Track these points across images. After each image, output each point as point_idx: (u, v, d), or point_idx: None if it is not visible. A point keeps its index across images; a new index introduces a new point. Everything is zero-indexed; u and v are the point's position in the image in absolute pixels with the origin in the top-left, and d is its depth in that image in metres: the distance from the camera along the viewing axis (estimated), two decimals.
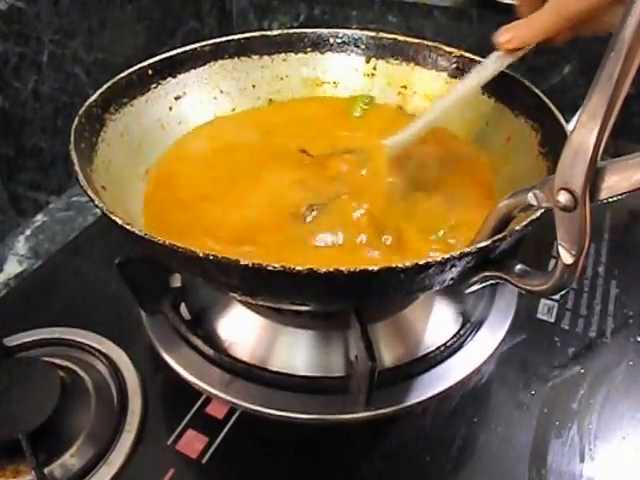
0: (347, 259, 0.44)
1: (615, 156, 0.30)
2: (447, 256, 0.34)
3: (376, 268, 0.33)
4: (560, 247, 0.33)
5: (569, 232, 0.33)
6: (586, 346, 0.57)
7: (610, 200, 0.31)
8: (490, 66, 0.51)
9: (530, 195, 0.35)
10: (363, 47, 0.63)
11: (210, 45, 0.61)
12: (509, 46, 0.49)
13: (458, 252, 0.35)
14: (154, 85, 0.57)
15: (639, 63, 0.27)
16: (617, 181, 0.30)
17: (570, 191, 0.31)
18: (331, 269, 0.33)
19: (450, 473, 0.47)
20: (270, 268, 0.33)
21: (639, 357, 0.56)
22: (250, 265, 0.33)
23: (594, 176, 0.30)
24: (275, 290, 0.38)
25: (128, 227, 0.37)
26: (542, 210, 0.36)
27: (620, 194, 0.31)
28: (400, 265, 0.34)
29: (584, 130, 0.29)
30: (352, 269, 0.33)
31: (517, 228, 0.37)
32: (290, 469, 0.47)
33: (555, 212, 0.33)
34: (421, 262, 0.34)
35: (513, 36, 0.48)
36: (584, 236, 0.32)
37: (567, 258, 0.33)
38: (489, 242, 0.36)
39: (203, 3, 0.98)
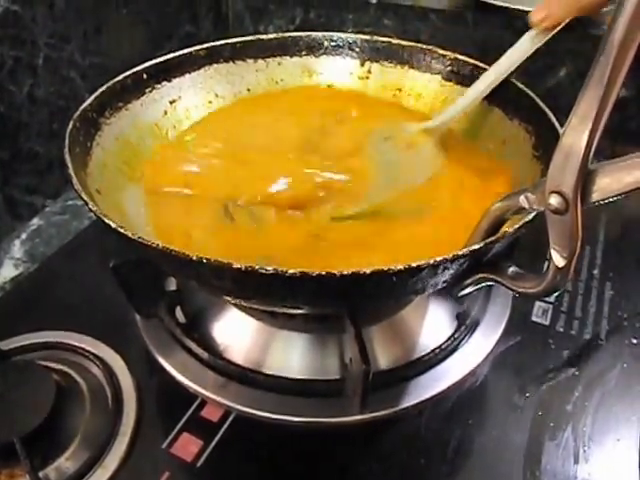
0: None
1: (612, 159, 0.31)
2: (440, 259, 0.35)
3: (368, 271, 0.33)
4: (552, 250, 0.34)
5: (561, 235, 0.33)
6: (581, 348, 0.57)
7: (601, 202, 0.31)
8: (525, 44, 0.51)
9: (522, 198, 0.35)
10: (358, 50, 0.64)
11: (205, 49, 0.61)
12: (545, 24, 0.49)
13: (451, 254, 0.35)
14: (149, 89, 0.57)
15: (629, 66, 0.27)
16: (608, 183, 0.30)
17: (561, 194, 0.31)
18: (323, 272, 0.33)
19: (445, 475, 0.47)
20: (262, 271, 0.33)
21: (634, 359, 0.56)
22: (242, 268, 0.33)
23: (585, 179, 0.31)
24: (268, 293, 0.38)
25: (121, 230, 0.37)
26: (535, 213, 0.36)
27: (611, 196, 0.31)
28: (392, 268, 0.34)
29: (575, 133, 0.30)
30: (344, 272, 0.33)
31: (510, 230, 0.37)
32: (285, 472, 0.47)
33: (547, 215, 0.33)
34: (414, 265, 0.34)
35: (548, 14, 0.48)
36: (576, 239, 0.32)
37: (559, 261, 0.33)
38: (482, 244, 0.36)
39: (199, 7, 0.98)
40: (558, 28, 0.49)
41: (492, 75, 0.54)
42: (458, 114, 0.55)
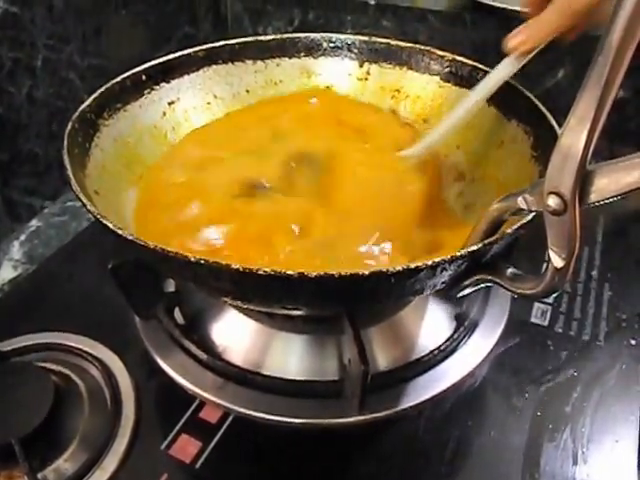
0: None
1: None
2: (438, 260, 0.35)
3: (367, 272, 0.33)
4: (550, 251, 0.33)
5: (559, 236, 0.33)
6: (579, 349, 0.57)
7: (600, 203, 0.31)
8: (502, 72, 0.51)
9: (520, 199, 0.35)
10: (356, 51, 0.64)
11: (204, 50, 0.61)
12: (523, 48, 0.49)
13: (449, 256, 0.35)
14: (148, 90, 0.57)
15: (627, 66, 0.27)
16: (606, 184, 0.30)
17: (559, 195, 0.31)
18: (321, 273, 0.33)
19: (444, 476, 0.47)
20: (261, 272, 0.33)
21: (632, 360, 0.56)
22: (241, 269, 0.33)
23: (583, 180, 0.31)
24: (266, 294, 0.38)
25: (120, 232, 0.37)
26: (533, 214, 0.36)
27: (609, 197, 0.31)
28: (391, 269, 0.34)
29: (573, 134, 0.30)
30: (343, 273, 0.33)
31: (508, 231, 0.37)
32: (284, 473, 0.47)
33: (545, 216, 0.33)
34: (412, 266, 0.34)
35: (526, 37, 0.48)
36: (574, 240, 0.32)
37: (557, 262, 0.33)
38: (480, 245, 0.36)
39: (198, 8, 0.98)
40: (536, 51, 0.49)
41: (472, 100, 0.53)
42: (439, 139, 0.54)
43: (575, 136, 0.30)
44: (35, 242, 0.72)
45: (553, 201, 0.32)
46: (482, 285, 0.40)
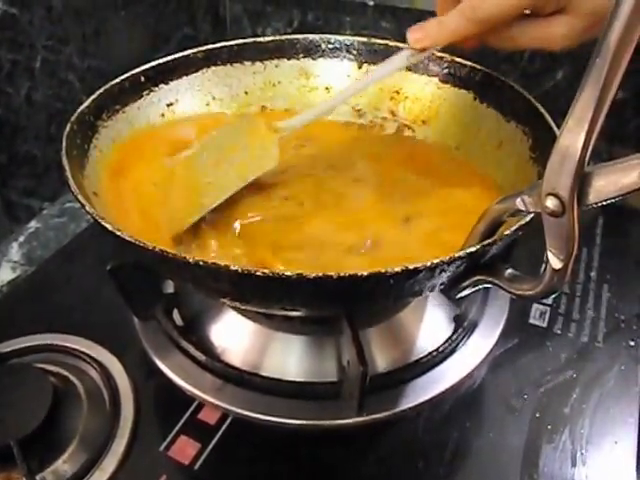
0: None
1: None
2: (436, 261, 0.35)
3: (365, 273, 0.33)
4: (549, 252, 0.33)
5: (557, 237, 0.33)
6: (578, 351, 0.57)
7: (598, 205, 0.31)
8: (397, 62, 0.51)
9: (519, 200, 0.35)
10: (355, 53, 0.64)
11: (202, 52, 0.61)
12: (418, 45, 0.48)
13: (448, 257, 0.35)
14: (146, 92, 0.57)
15: (624, 69, 0.27)
16: (604, 186, 0.30)
17: (558, 196, 0.31)
18: (320, 274, 0.33)
19: (443, 478, 0.47)
20: (259, 273, 0.33)
21: (631, 361, 0.56)
22: (239, 270, 0.33)
23: (581, 181, 0.31)
24: (264, 295, 0.38)
25: (118, 233, 0.37)
26: (532, 215, 0.36)
27: (608, 199, 0.31)
28: (389, 270, 0.34)
29: (571, 135, 0.30)
30: (341, 274, 0.33)
31: (507, 233, 0.37)
32: (282, 475, 0.47)
33: (543, 217, 0.33)
34: (410, 267, 0.34)
35: (424, 36, 0.48)
36: (572, 241, 0.32)
37: (556, 263, 0.33)
38: (478, 247, 0.36)
39: (197, 9, 0.98)
40: (431, 51, 0.49)
41: (360, 84, 0.55)
42: (313, 118, 0.53)
43: (573, 138, 0.30)
44: (34, 243, 0.72)
45: (551, 203, 0.32)
46: (481, 286, 0.40)
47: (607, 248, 0.69)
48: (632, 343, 0.57)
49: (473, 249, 0.36)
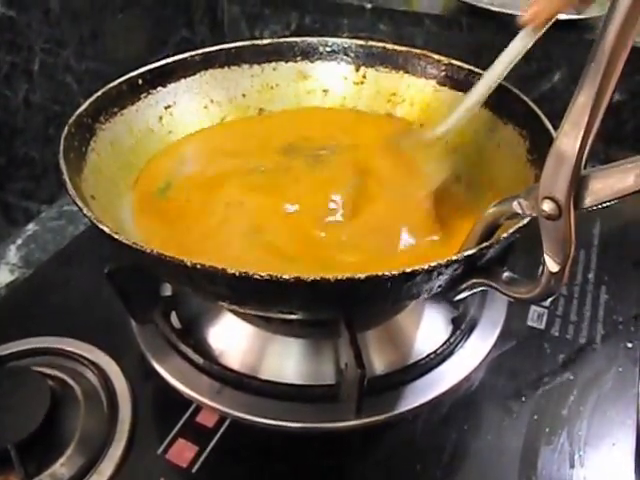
0: None
1: (606, 163, 0.31)
2: (434, 264, 0.35)
3: (363, 276, 0.33)
4: (546, 255, 0.34)
5: (554, 240, 0.33)
6: (576, 352, 0.57)
7: (594, 208, 0.31)
8: (517, 45, 0.51)
9: (515, 204, 0.35)
10: (352, 55, 0.64)
11: (200, 54, 0.61)
12: (538, 20, 0.48)
13: (445, 260, 0.35)
14: (144, 94, 0.57)
15: (619, 73, 0.28)
16: (600, 189, 0.30)
17: (554, 200, 0.31)
18: (318, 277, 0.33)
19: None
20: (257, 277, 0.33)
21: (629, 363, 0.56)
22: (237, 274, 0.33)
23: (578, 185, 0.31)
24: (262, 298, 0.38)
25: (116, 236, 0.37)
26: (529, 218, 0.36)
27: (604, 202, 0.31)
28: (387, 273, 0.34)
29: (567, 139, 0.30)
30: (339, 277, 0.33)
31: (504, 236, 0.37)
32: (281, 478, 0.47)
33: (540, 221, 0.33)
34: (408, 270, 0.34)
35: (540, 9, 0.47)
36: (569, 244, 0.32)
37: (553, 266, 0.33)
38: (476, 250, 0.36)
39: (195, 12, 0.98)
40: (548, 25, 0.49)
41: (489, 80, 0.53)
42: (459, 121, 0.54)
43: (569, 142, 0.30)
44: (32, 246, 0.72)
45: (548, 206, 0.32)
46: (478, 289, 0.40)
47: (605, 250, 0.69)
48: (630, 345, 0.57)
49: (470, 252, 0.36)
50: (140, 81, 0.57)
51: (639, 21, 0.26)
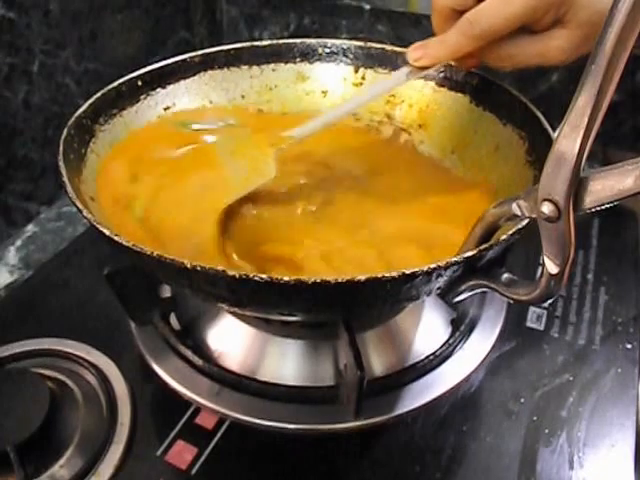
0: None
1: (605, 164, 0.31)
2: (433, 266, 0.35)
3: (363, 278, 0.33)
4: (545, 257, 0.34)
5: (553, 242, 0.33)
6: (575, 354, 0.57)
7: (594, 210, 0.31)
8: (397, 79, 0.52)
9: (514, 205, 0.35)
10: (351, 57, 0.64)
11: (199, 56, 0.61)
12: (419, 64, 0.50)
13: (444, 262, 0.35)
14: (144, 96, 0.57)
15: (620, 74, 0.28)
16: (600, 191, 0.30)
17: (553, 202, 0.31)
18: (318, 279, 0.33)
19: None
20: (257, 279, 0.33)
21: (628, 364, 0.56)
22: (237, 276, 0.33)
23: (577, 186, 0.31)
24: (262, 301, 0.38)
25: (115, 238, 0.37)
26: (528, 220, 0.36)
27: (603, 204, 0.31)
28: (386, 275, 0.34)
29: (566, 141, 0.30)
30: (339, 279, 0.33)
31: (503, 237, 0.37)
32: (279, 479, 0.47)
33: (539, 222, 0.33)
34: (407, 272, 0.34)
35: (424, 54, 0.49)
36: (568, 246, 0.32)
37: (552, 268, 0.33)
38: (475, 251, 0.36)
39: (194, 13, 0.98)
40: (435, 67, 0.50)
41: (363, 98, 0.55)
42: (318, 130, 0.53)
43: (569, 144, 0.30)
44: (31, 247, 0.72)
45: (547, 208, 0.32)
46: (477, 290, 0.40)
47: (604, 250, 0.69)
48: (629, 346, 0.57)
49: (470, 254, 0.36)
50: (139, 82, 0.57)
51: (639, 24, 0.26)
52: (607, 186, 0.30)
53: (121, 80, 0.55)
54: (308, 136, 0.53)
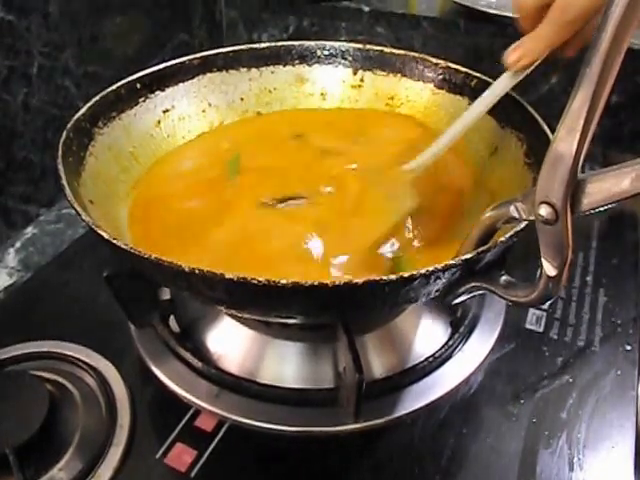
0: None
1: (605, 165, 0.31)
2: (432, 268, 0.35)
3: (360, 281, 0.33)
4: (543, 259, 0.34)
5: (551, 245, 0.33)
6: (575, 355, 0.57)
7: (591, 212, 0.31)
8: (501, 86, 0.51)
9: (512, 208, 0.35)
10: (350, 59, 0.64)
11: (198, 58, 0.61)
12: (522, 63, 0.49)
13: (442, 264, 0.35)
14: (142, 99, 0.57)
15: (615, 77, 0.28)
16: (597, 193, 0.31)
17: (551, 204, 0.31)
18: (316, 282, 0.33)
19: None
20: (255, 282, 0.33)
21: (627, 366, 0.56)
22: (235, 279, 0.33)
23: (574, 189, 0.31)
24: (261, 303, 0.38)
25: (114, 241, 0.37)
26: (526, 222, 0.37)
27: (600, 206, 0.31)
28: (384, 278, 0.34)
29: (563, 144, 0.30)
30: (337, 282, 0.33)
31: (501, 239, 0.37)
32: None
33: (537, 225, 0.33)
34: (405, 275, 0.34)
35: (523, 53, 0.48)
36: (566, 249, 0.32)
37: (550, 270, 0.34)
38: (473, 254, 0.36)
39: (193, 16, 0.98)
40: (535, 65, 0.49)
41: (472, 113, 0.53)
42: (440, 152, 0.53)
43: (565, 146, 0.30)
44: (30, 249, 0.72)
45: (544, 211, 0.32)
46: (476, 293, 0.40)
47: (603, 252, 0.69)
48: (628, 347, 0.57)
49: (468, 256, 0.36)
50: (138, 85, 0.57)
51: (633, 26, 0.26)
52: (604, 188, 0.30)
53: (120, 83, 0.55)
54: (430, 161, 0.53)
